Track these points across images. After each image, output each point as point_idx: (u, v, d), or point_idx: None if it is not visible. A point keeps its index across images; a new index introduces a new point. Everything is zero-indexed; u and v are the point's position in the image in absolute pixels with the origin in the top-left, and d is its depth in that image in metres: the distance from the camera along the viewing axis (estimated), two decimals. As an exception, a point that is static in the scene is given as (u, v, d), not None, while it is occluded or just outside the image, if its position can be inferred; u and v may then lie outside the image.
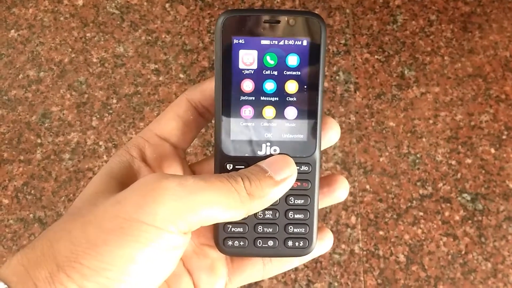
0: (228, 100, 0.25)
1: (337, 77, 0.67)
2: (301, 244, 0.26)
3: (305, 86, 0.25)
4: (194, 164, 0.28)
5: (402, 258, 0.60)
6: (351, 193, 0.62)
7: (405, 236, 0.61)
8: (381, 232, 0.61)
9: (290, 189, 0.25)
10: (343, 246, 0.60)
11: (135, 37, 0.70)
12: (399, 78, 0.68)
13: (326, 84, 0.67)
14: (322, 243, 0.27)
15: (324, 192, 0.27)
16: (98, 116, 0.66)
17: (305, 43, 0.25)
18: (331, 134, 0.27)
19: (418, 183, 0.63)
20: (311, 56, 0.25)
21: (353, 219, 0.61)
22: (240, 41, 0.25)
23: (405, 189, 0.62)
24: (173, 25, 0.70)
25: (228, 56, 0.25)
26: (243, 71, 0.25)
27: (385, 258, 0.60)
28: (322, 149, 0.26)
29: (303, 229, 0.26)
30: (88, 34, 0.70)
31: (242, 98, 0.26)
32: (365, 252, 0.60)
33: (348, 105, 0.66)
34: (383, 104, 0.66)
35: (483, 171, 0.63)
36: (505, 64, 0.68)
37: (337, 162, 0.63)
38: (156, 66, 0.68)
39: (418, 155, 0.64)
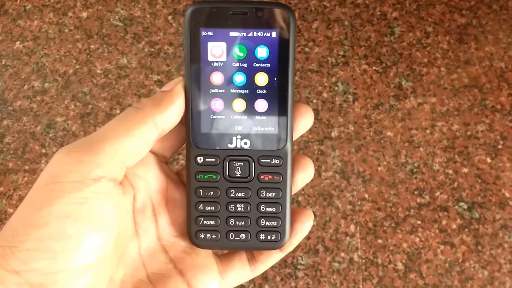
0: (198, 93, 0.25)
1: (336, 88, 0.69)
2: (273, 237, 0.26)
3: (275, 78, 0.25)
4: (181, 170, 0.28)
5: (400, 266, 0.61)
6: (350, 202, 0.63)
7: (403, 245, 0.62)
8: (379, 241, 0.62)
9: (262, 182, 0.26)
10: (342, 254, 0.61)
11: (138, 49, 0.71)
12: (397, 88, 0.69)
13: (325, 95, 0.68)
14: (302, 226, 0.26)
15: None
16: (102, 126, 0.67)
17: (274, 34, 0.25)
18: (304, 122, 0.26)
19: (416, 192, 0.64)
20: (281, 47, 0.25)
21: (352, 227, 0.62)
22: (209, 33, 0.25)
23: (403, 198, 0.64)
24: (176, 37, 0.72)
25: (197, 49, 0.25)
26: (212, 64, 0.25)
27: (384, 266, 0.61)
28: (296, 137, 0.26)
29: (275, 222, 0.26)
30: (92, 46, 0.71)
31: (212, 90, 0.25)
32: (364, 260, 0.61)
33: (346, 115, 0.68)
34: (381, 114, 0.68)
35: (480, 180, 0.64)
36: (501, 74, 0.70)
37: (336, 171, 0.65)
38: (159, 77, 0.70)
39: (415, 165, 0.65)
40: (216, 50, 0.25)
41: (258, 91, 0.25)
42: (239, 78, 0.25)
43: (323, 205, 0.63)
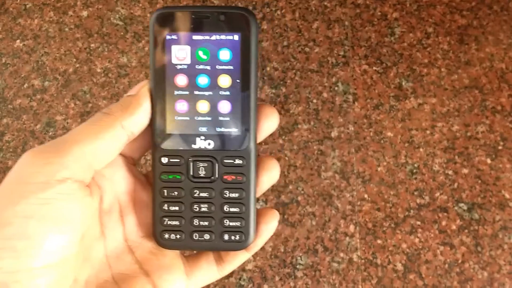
0: (163, 94, 0.26)
1: (336, 88, 0.69)
2: (237, 237, 0.26)
3: (238, 80, 0.26)
4: (149, 172, 0.28)
5: (399, 266, 0.61)
6: (349, 202, 0.63)
7: (403, 245, 0.62)
8: (379, 241, 0.62)
9: (225, 183, 0.26)
10: (341, 254, 0.61)
11: (138, 48, 0.71)
12: (397, 89, 0.69)
13: (325, 95, 0.68)
14: (267, 226, 0.26)
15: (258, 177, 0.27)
16: (101, 125, 0.67)
17: (236, 37, 0.25)
18: (268, 122, 0.26)
19: (416, 193, 0.64)
20: (243, 50, 0.25)
21: (351, 227, 0.62)
22: (173, 37, 0.26)
23: (403, 199, 0.64)
24: (176, 36, 0.72)
25: (162, 52, 0.26)
26: (176, 66, 0.26)
27: (383, 267, 0.61)
28: (261, 138, 0.26)
29: (239, 222, 0.26)
30: (92, 45, 0.71)
31: (176, 92, 0.26)
32: (363, 261, 0.61)
33: (346, 115, 0.67)
34: (381, 114, 0.68)
35: (480, 181, 0.64)
36: (501, 76, 0.69)
37: (336, 172, 0.64)
38: (159, 76, 0.70)
39: (415, 165, 0.65)
40: (180, 53, 0.26)
41: (221, 92, 0.26)
42: (203, 80, 0.26)
43: (322, 205, 0.63)
